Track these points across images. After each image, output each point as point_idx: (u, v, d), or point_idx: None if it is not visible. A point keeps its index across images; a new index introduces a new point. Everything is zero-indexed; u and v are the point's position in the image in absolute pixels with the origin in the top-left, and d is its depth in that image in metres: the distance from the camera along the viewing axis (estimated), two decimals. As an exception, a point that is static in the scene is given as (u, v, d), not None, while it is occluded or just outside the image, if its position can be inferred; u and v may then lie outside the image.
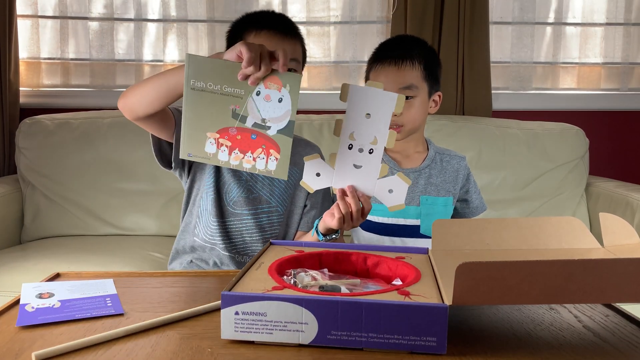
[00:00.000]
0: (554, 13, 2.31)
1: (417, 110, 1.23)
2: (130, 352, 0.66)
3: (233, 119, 0.92)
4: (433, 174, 1.27)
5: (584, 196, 2.05)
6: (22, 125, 1.99)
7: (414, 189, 1.26)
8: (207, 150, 0.93)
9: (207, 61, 0.91)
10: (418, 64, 1.22)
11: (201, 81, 0.90)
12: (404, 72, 1.22)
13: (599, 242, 0.89)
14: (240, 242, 1.22)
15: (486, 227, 0.93)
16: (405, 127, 1.23)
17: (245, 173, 1.21)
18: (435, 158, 1.29)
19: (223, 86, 0.91)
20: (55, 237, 1.93)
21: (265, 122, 0.92)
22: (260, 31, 1.19)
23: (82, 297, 0.83)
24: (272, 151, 0.92)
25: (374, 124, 0.90)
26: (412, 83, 1.22)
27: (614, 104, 2.33)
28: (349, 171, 0.93)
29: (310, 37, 2.29)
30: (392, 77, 1.21)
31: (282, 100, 0.91)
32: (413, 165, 1.28)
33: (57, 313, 0.77)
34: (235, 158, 0.92)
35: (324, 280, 0.77)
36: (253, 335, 0.66)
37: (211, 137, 0.92)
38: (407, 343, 0.64)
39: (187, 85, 0.91)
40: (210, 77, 0.90)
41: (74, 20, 2.26)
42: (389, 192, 0.94)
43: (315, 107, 2.24)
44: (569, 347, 0.68)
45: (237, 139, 0.92)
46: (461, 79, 2.19)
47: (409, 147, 1.29)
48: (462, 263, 0.61)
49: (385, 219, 1.25)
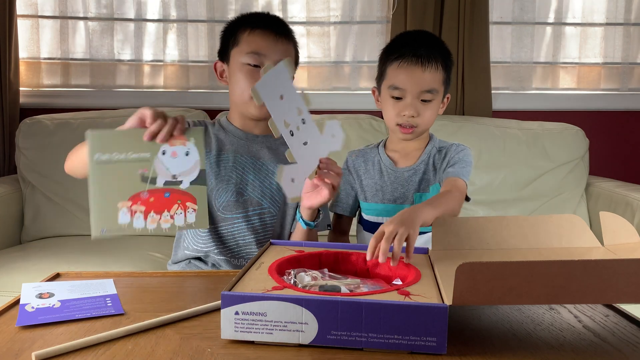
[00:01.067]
0: (554, 13, 2.31)
1: (432, 113, 1.21)
2: (130, 352, 0.66)
3: (143, 183, 0.90)
4: (428, 169, 1.26)
5: (584, 196, 2.05)
6: (22, 125, 1.99)
7: (408, 187, 1.25)
8: (121, 223, 0.89)
9: (109, 134, 0.91)
10: (441, 68, 1.20)
11: (106, 154, 0.89)
12: (429, 75, 1.18)
13: (599, 241, 0.89)
14: (234, 246, 1.20)
15: (486, 226, 0.93)
16: (418, 129, 1.21)
17: (235, 175, 1.21)
18: (431, 152, 1.27)
19: (128, 153, 0.90)
20: (55, 237, 1.93)
21: (176, 177, 0.91)
22: (254, 29, 1.19)
23: (82, 297, 0.83)
24: (188, 204, 0.91)
25: (289, 97, 0.90)
26: (434, 87, 1.19)
27: (614, 104, 2.33)
28: (306, 151, 0.93)
29: (310, 37, 2.29)
30: (417, 79, 1.18)
31: (189, 153, 0.91)
32: (409, 163, 1.27)
33: (57, 313, 0.77)
34: (152, 221, 0.90)
35: (323, 281, 0.77)
36: (253, 335, 0.66)
37: (123, 206, 0.89)
38: (407, 343, 0.64)
39: (91, 162, 0.89)
40: (114, 147, 0.89)
41: (73, 20, 2.26)
42: (332, 137, 0.95)
43: (315, 107, 2.23)
44: (569, 347, 0.68)
45: (151, 202, 0.90)
46: (461, 79, 2.19)
47: (410, 145, 1.28)
48: (462, 263, 0.61)
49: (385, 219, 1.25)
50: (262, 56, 1.17)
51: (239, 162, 1.22)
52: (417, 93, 1.19)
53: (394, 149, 1.30)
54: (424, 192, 1.25)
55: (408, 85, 1.19)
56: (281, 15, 2.26)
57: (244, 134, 1.24)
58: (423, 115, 1.20)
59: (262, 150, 1.24)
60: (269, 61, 1.15)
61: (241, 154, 1.22)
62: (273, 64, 0.91)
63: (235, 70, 1.20)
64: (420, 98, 1.19)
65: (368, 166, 1.30)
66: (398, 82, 1.20)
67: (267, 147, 1.24)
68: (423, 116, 1.20)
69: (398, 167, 1.27)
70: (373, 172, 1.29)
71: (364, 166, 1.30)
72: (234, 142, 1.24)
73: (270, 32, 1.19)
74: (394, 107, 1.21)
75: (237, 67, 1.19)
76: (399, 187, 1.26)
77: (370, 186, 1.28)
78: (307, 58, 2.29)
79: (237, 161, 1.22)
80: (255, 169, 1.22)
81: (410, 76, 1.19)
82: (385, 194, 1.26)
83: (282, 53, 1.18)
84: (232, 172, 1.21)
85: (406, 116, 1.19)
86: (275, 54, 1.17)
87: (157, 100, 2.24)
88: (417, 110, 1.19)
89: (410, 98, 1.19)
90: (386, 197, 1.26)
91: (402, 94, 1.20)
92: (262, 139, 1.25)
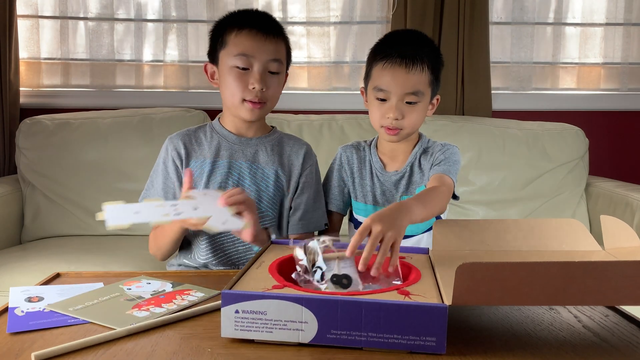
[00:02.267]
0: (554, 13, 2.31)
1: (418, 115, 1.18)
2: (130, 352, 0.66)
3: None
4: (414, 172, 1.25)
5: (584, 196, 2.05)
6: (22, 125, 1.99)
7: (396, 191, 1.24)
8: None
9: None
10: (427, 69, 1.17)
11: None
12: (413, 77, 1.15)
13: (599, 244, 0.89)
14: (234, 253, 1.19)
15: (487, 228, 0.93)
16: (403, 131, 1.19)
17: (231, 182, 1.19)
18: (418, 153, 1.25)
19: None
20: (55, 237, 1.93)
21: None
22: (241, 30, 1.15)
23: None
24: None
25: (143, 208, 0.95)
26: (419, 89, 1.16)
27: (614, 104, 2.33)
28: (205, 209, 0.97)
29: (310, 37, 2.29)
30: (401, 80, 1.15)
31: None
32: (397, 167, 1.25)
33: (48, 318, 0.76)
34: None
35: (335, 266, 0.77)
36: (253, 334, 0.66)
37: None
38: (407, 343, 0.64)
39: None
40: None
41: (73, 20, 2.26)
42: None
43: (315, 107, 2.24)
44: (569, 347, 0.68)
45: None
46: (461, 79, 2.19)
47: (399, 148, 1.26)
48: (462, 263, 0.61)
49: None
50: (251, 57, 1.13)
51: (235, 167, 1.20)
52: (401, 95, 1.16)
53: (383, 151, 1.28)
54: (411, 194, 1.23)
55: (392, 87, 1.16)
56: (281, 15, 2.26)
57: (238, 138, 1.22)
58: (408, 118, 1.17)
59: (257, 153, 1.22)
60: (257, 62, 1.13)
61: (236, 159, 1.20)
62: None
63: (224, 73, 1.17)
64: (404, 100, 1.16)
65: (361, 165, 1.29)
66: (382, 84, 1.17)
67: (262, 149, 1.23)
68: (408, 119, 1.17)
69: (387, 170, 1.26)
70: (364, 173, 1.28)
71: (358, 164, 1.29)
72: (228, 147, 1.21)
73: (258, 32, 1.14)
74: (378, 108, 1.19)
75: (226, 70, 1.16)
76: (387, 190, 1.25)
77: (362, 186, 1.27)
78: (307, 58, 2.29)
79: (232, 167, 1.20)
80: (251, 174, 1.20)
81: (394, 78, 1.16)
82: (376, 196, 1.25)
83: (272, 52, 1.15)
84: (228, 178, 1.19)
85: (390, 119, 1.17)
86: (263, 55, 1.14)
87: (157, 100, 2.24)
88: (401, 113, 1.16)
89: (394, 100, 1.16)
90: (376, 199, 1.25)
91: (387, 95, 1.17)
92: (256, 141, 1.23)
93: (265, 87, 1.14)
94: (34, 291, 0.85)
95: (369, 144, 1.31)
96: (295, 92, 2.29)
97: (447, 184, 1.13)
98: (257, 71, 1.14)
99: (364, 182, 1.27)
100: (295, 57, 2.33)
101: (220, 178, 1.19)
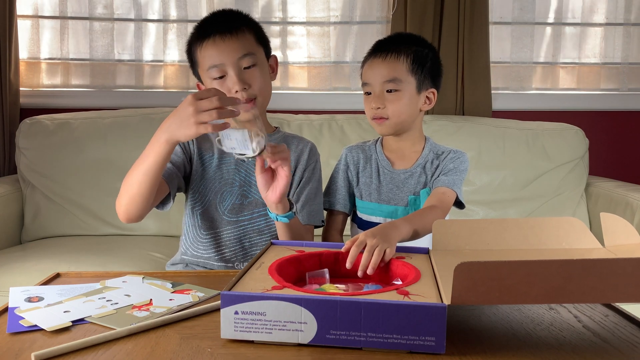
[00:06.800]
0: (554, 13, 2.31)
1: (402, 103, 1.20)
2: (130, 352, 0.66)
3: None
4: (425, 173, 1.25)
5: (584, 196, 2.05)
6: (22, 125, 1.99)
7: (403, 189, 1.25)
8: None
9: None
10: (405, 57, 1.20)
11: None
12: (388, 65, 1.20)
13: (599, 242, 0.89)
14: (239, 249, 1.20)
15: (487, 227, 0.93)
16: (390, 120, 1.21)
17: (238, 178, 1.20)
18: (428, 157, 1.27)
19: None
20: (55, 237, 1.93)
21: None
22: (203, 42, 1.15)
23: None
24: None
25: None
26: (396, 76, 1.19)
27: (614, 104, 2.33)
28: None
29: (310, 37, 2.29)
30: (378, 69, 1.21)
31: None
32: (406, 166, 1.26)
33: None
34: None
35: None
36: (252, 335, 0.66)
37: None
38: (406, 343, 0.64)
39: None
40: None
41: (74, 20, 2.26)
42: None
43: (315, 107, 2.24)
44: (569, 347, 0.68)
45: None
46: (461, 79, 2.19)
47: (404, 146, 1.27)
48: (461, 263, 0.61)
49: (381, 219, 1.25)
50: (221, 65, 1.13)
51: (241, 163, 1.21)
52: (381, 84, 1.21)
53: (389, 149, 1.30)
54: (417, 195, 1.25)
55: (371, 78, 1.22)
56: (281, 16, 2.27)
57: None
58: (391, 106, 1.20)
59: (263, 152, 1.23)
60: (228, 66, 1.13)
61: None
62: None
63: (209, 87, 1.17)
64: (385, 89, 1.21)
65: (366, 163, 1.30)
66: (365, 78, 1.24)
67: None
68: (391, 107, 1.20)
69: (395, 168, 1.27)
70: (370, 171, 1.29)
71: (364, 163, 1.30)
72: None
73: (217, 37, 1.14)
74: (366, 102, 1.25)
75: (208, 84, 1.17)
76: (394, 188, 1.25)
77: (367, 184, 1.28)
78: (307, 58, 2.29)
79: (239, 163, 1.21)
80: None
81: (372, 68, 1.22)
82: (381, 194, 1.26)
83: (238, 50, 1.14)
84: (235, 174, 1.21)
85: (373, 108, 1.21)
86: (230, 56, 1.13)
87: (157, 100, 2.24)
88: (382, 102, 1.20)
89: (376, 90, 1.21)
90: (381, 197, 1.26)
91: (370, 88, 1.23)
92: None
93: (248, 84, 1.14)
94: (34, 291, 0.85)
95: (374, 142, 1.33)
96: (295, 92, 2.29)
97: (446, 201, 1.16)
98: (233, 74, 1.13)
99: (369, 180, 1.28)
100: (295, 57, 2.35)
101: (227, 175, 1.21)
